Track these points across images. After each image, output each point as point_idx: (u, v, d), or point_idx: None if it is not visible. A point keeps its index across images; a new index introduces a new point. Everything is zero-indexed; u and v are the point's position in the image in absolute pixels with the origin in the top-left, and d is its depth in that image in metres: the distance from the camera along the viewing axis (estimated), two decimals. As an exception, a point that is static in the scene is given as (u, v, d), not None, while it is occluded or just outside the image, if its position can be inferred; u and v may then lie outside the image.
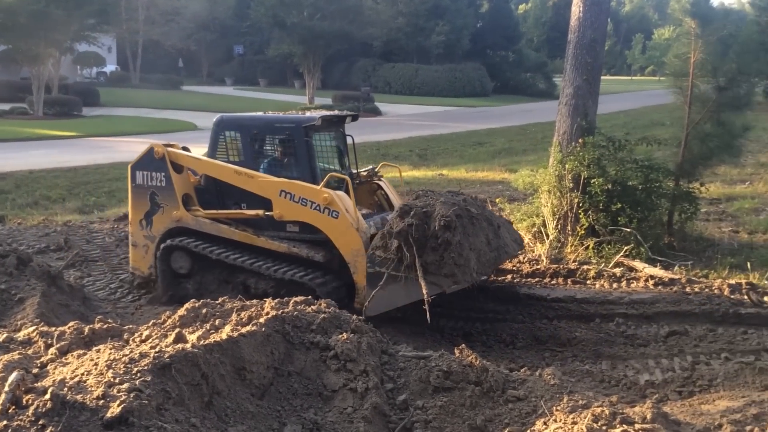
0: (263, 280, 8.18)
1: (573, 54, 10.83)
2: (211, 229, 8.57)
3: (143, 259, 8.92)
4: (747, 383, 6.03)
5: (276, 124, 8.79)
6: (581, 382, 6.41)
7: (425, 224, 7.43)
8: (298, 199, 8.11)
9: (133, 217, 8.92)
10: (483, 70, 56.65)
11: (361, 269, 7.94)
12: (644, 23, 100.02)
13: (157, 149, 8.68)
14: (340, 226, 8.00)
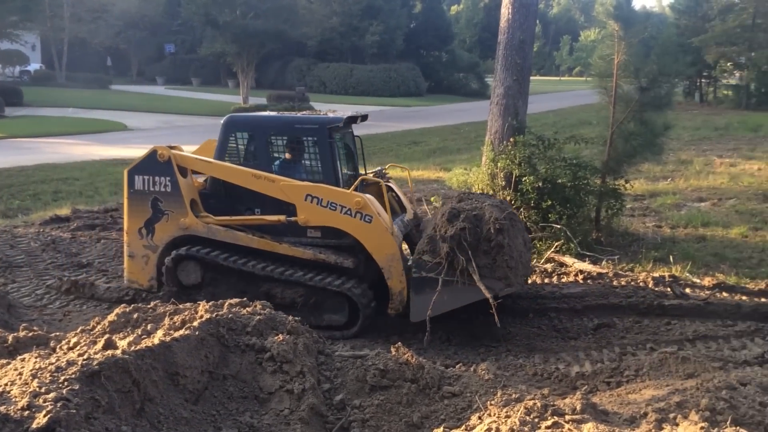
0: (291, 288, 7.84)
1: (503, 55, 11.04)
2: (225, 236, 8.01)
3: (143, 271, 8.20)
4: (671, 372, 6.25)
5: (297, 125, 8.31)
6: (515, 376, 6.54)
7: (477, 228, 7.34)
8: (327, 203, 7.74)
9: (130, 225, 8.15)
10: (417, 70, 57.10)
11: (396, 274, 7.80)
12: (571, 25, 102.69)
13: (161, 152, 8.02)
14: (374, 231, 7.74)
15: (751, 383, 4.72)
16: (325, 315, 7.88)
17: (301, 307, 7.77)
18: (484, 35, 67.78)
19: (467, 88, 59.79)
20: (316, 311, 7.85)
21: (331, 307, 7.87)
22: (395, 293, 7.81)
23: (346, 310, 7.85)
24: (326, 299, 7.85)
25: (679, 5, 50.65)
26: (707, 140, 25.97)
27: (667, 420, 4.01)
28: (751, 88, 45.98)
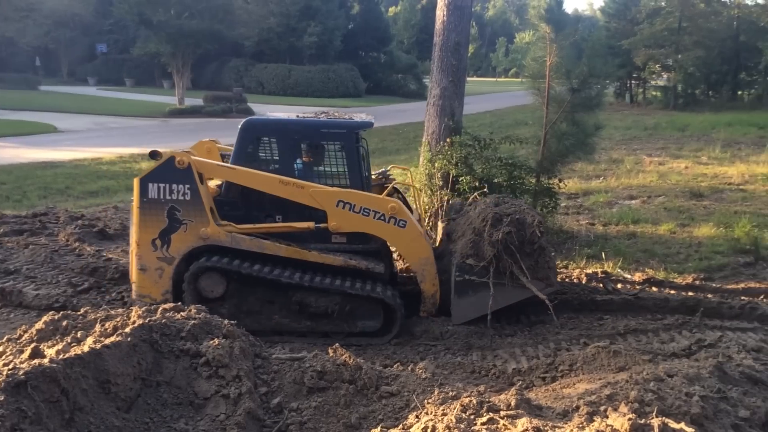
0: (326, 296, 7.66)
1: (439, 56, 11.16)
2: (251, 245, 7.64)
3: (156, 285, 7.62)
4: (603, 366, 6.41)
5: (323, 129, 8.04)
6: (453, 374, 6.60)
7: (521, 231, 7.61)
8: (360, 209, 7.63)
9: (142, 237, 7.55)
10: (356, 71, 57.09)
11: (429, 277, 7.92)
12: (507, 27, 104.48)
13: (180, 158, 7.48)
14: (408, 236, 7.77)
15: (677, 374, 4.89)
16: (359, 321, 7.79)
17: (337, 315, 7.70)
18: (422, 37, 68.23)
19: (406, 89, 60.12)
20: (350, 318, 7.77)
21: (365, 314, 7.79)
22: (428, 296, 7.98)
23: (381, 316, 7.81)
24: (361, 306, 7.76)
25: (609, 9, 52.12)
26: (637, 140, 26.77)
27: (598, 413, 4.11)
28: (678, 90, 47.65)
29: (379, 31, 61.91)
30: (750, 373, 5.53)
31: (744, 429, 4.39)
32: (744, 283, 9.55)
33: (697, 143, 25.13)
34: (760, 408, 4.68)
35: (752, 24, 47.79)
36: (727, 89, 48.30)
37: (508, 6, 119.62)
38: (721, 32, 46.91)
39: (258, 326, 7.52)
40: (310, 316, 7.71)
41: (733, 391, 4.90)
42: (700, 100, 47.62)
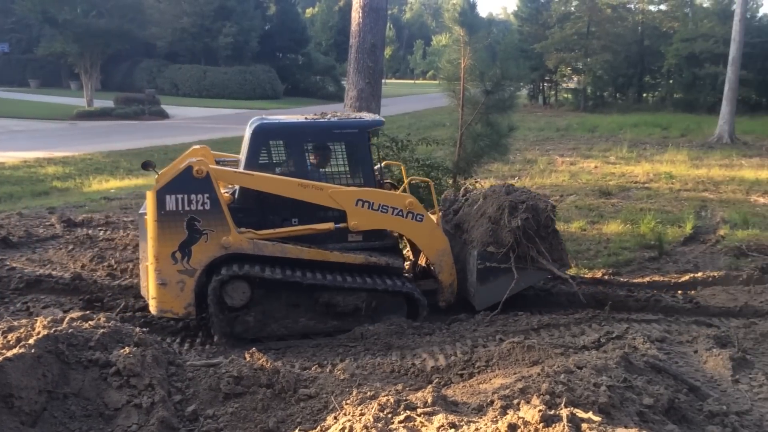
0: (352, 294, 7.80)
1: (355, 58, 11.20)
2: (274, 251, 7.60)
3: (178, 299, 7.39)
4: (518, 360, 6.56)
5: (336, 129, 8.09)
6: (373, 374, 6.61)
7: (536, 217, 8.11)
8: (378, 206, 7.79)
9: (161, 251, 7.28)
10: (273, 73, 56.59)
11: (447, 268, 8.24)
12: (424, 30, 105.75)
13: (198, 167, 7.29)
14: (425, 229, 8.06)
15: (586, 366, 5.06)
16: (384, 316, 7.95)
17: (365, 312, 7.90)
18: (340, 38, 68.26)
19: (324, 90, 60.07)
20: (375, 314, 7.96)
21: (390, 308, 8.02)
22: (446, 286, 8.31)
23: (405, 309, 8.09)
24: (386, 301, 7.98)
25: (521, 13, 53.54)
26: (550, 140, 27.58)
27: (511, 406, 4.22)
28: (588, 92, 49.44)
29: (297, 33, 61.61)
30: (654, 362, 5.79)
31: (648, 416, 4.58)
32: (649, 277, 10.00)
33: (605, 144, 26.11)
34: (663, 395, 4.89)
35: (655, 29, 50.13)
36: (633, 92, 50.44)
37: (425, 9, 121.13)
38: (626, 37, 49.02)
39: (285, 331, 7.75)
40: (336, 315, 7.88)
41: (639, 380, 5.11)
42: (609, 102, 49.56)
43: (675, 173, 18.36)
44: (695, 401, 5.35)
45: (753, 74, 42.49)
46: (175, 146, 25.83)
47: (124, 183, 17.64)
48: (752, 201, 15.17)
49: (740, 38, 28.37)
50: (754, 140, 28.87)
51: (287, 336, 7.72)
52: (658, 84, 51.75)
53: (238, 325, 7.67)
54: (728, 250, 10.99)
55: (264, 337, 7.73)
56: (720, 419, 5.05)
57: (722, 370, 6.30)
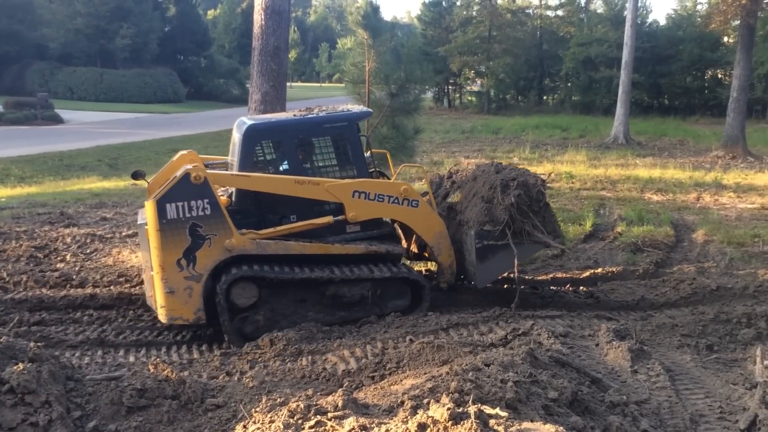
0: (358, 285, 8.00)
1: (258, 61, 11.06)
2: (277, 249, 7.74)
3: (187, 305, 7.44)
4: (428, 360, 6.63)
5: (326, 124, 8.22)
6: (283, 380, 6.53)
7: (528, 192, 8.28)
8: (374, 196, 8.00)
9: (166, 259, 7.29)
10: (174, 76, 55.26)
11: (445, 250, 8.48)
12: (329, 33, 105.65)
13: (195, 174, 7.31)
14: (421, 214, 8.28)
15: (494, 363, 5.17)
16: (390, 302, 8.24)
17: (371, 300, 8.11)
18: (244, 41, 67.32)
19: (228, 94, 59.12)
20: (380, 301, 8.20)
21: (395, 294, 8.27)
22: (446, 267, 8.55)
23: (409, 294, 8.34)
24: (390, 288, 8.21)
25: (425, 17, 54.28)
26: (456, 142, 28.08)
27: (421, 406, 4.25)
28: (491, 95, 50.67)
29: (198, 35, 60.41)
30: (558, 356, 5.98)
31: (553, 409, 4.72)
32: (552, 274, 10.32)
33: (509, 145, 26.82)
34: (566, 388, 5.05)
35: (553, 34, 51.99)
36: (534, 94, 52.11)
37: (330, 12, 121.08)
38: (526, 41, 50.60)
39: (294, 326, 7.81)
40: (343, 306, 8.08)
41: (544, 375, 5.26)
42: (511, 105, 51.00)
43: (575, 173, 19.04)
44: (597, 393, 5.55)
45: (645, 77, 44.79)
46: (70, 152, 24.84)
47: (16, 191, 16.79)
48: (646, 198, 15.91)
49: (632, 43, 29.78)
50: (647, 140, 30.35)
51: None
52: (558, 87, 53.70)
53: (248, 326, 7.81)
54: (625, 246, 11.48)
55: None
56: (621, 409, 5.26)
57: (622, 361, 6.56)
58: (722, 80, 46.08)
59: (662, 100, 49.16)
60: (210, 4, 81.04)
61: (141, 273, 8.96)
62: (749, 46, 27.17)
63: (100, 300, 8.81)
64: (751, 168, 22.47)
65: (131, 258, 10.76)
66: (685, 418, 5.44)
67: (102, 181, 18.85)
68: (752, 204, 15.67)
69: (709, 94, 46.67)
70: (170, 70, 55.43)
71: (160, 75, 53.57)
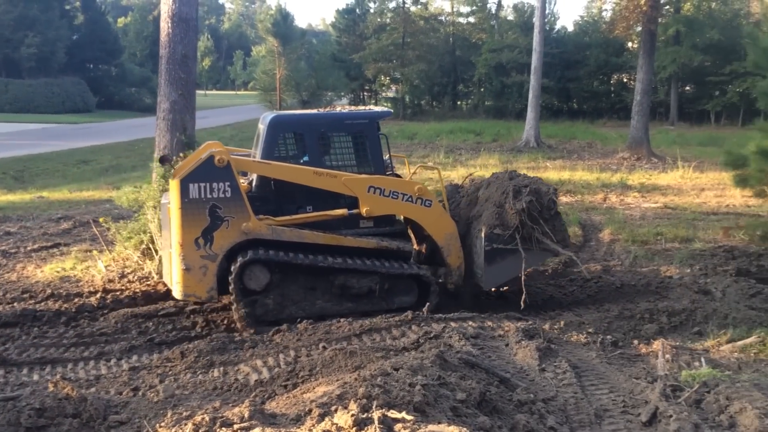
0: (366, 277, 8.25)
1: (166, 69, 10.84)
2: (291, 236, 8.07)
3: (201, 283, 7.85)
4: (341, 367, 6.63)
5: (347, 120, 8.68)
6: (194, 393, 6.40)
7: (539, 200, 8.43)
8: (389, 193, 8.26)
9: (185, 237, 7.71)
10: (84, 85, 53.53)
11: (455, 251, 8.67)
12: (243, 40, 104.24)
13: (219, 157, 7.74)
14: (433, 214, 8.52)
15: (403, 367, 5.21)
16: (396, 298, 8.52)
17: (378, 294, 8.39)
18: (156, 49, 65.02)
19: (141, 102, 57.56)
20: (388, 296, 8.48)
21: (402, 290, 8.55)
22: (454, 269, 8.73)
23: (416, 291, 8.59)
24: (398, 283, 8.48)
25: (339, 24, 54.31)
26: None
27: (329, 413, 4.24)
28: (406, 101, 51.19)
29: (108, 43, 58.72)
30: (468, 358, 6.08)
31: (461, 410, 4.79)
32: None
33: (424, 150, 27.16)
34: (474, 389, 5.14)
35: (466, 40, 53.05)
36: (448, 100, 52.96)
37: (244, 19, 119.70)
38: (440, 47, 51.43)
39: (302, 313, 8.17)
40: (351, 297, 8.34)
41: (452, 377, 5.33)
42: (426, 110, 51.63)
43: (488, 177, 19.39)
44: (506, 392, 5.66)
45: (554, 82, 46.23)
46: (-28, 165, 23.71)
47: None
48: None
49: (540, 49, 30.67)
50: (557, 143, 31.30)
51: (305, 318, 8.05)
52: (471, 92, 54.74)
53: (258, 308, 8.13)
54: (536, 247, 11.77)
55: (282, 319, 8.11)
56: (528, 407, 5.38)
57: (530, 360, 6.71)
58: (627, 84, 48.01)
59: (571, 104, 50.84)
60: (120, 12, 79.00)
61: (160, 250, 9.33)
62: (651, 51, 28.42)
63: (2, 317, 8.49)
64: (654, 168, 23.49)
65: (36, 273, 10.38)
66: (590, 413, 5.60)
67: (7, 194, 18.08)
68: (655, 203, 16.39)
69: (615, 98, 48.58)
70: (79, 80, 53.65)
71: (69, 84, 51.80)
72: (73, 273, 10.36)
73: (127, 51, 66.04)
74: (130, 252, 10.58)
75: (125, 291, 9.50)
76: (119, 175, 21.92)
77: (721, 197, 17.07)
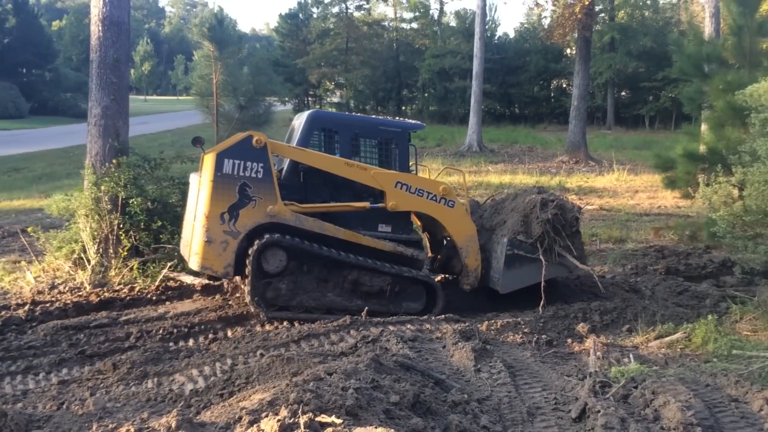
0: (379, 277, 8.52)
1: (97, 73, 10.58)
2: (313, 226, 8.31)
3: (220, 257, 8.04)
4: (278, 374, 6.57)
5: (381, 126, 9.17)
6: (127, 405, 6.27)
7: (563, 215, 8.70)
8: (415, 190, 8.60)
9: (212, 210, 7.95)
10: (16, 90, 51.89)
11: (473, 253, 8.97)
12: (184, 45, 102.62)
13: (258, 137, 8.04)
14: (455, 215, 8.85)
15: (337, 372, 5.20)
16: (404, 303, 8.76)
17: (388, 295, 8.63)
18: (93, 53, 64.37)
19: (77, 108, 55.99)
20: (396, 300, 8.71)
21: (410, 296, 8.81)
22: (471, 270, 9.03)
23: (423, 298, 8.85)
24: (408, 287, 8.76)
25: (282, 29, 54.12)
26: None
27: (259, 420, 4.19)
28: (351, 106, 51.23)
29: (41, 47, 57.06)
30: (403, 361, 6.09)
31: (394, 412, 4.80)
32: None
33: (367, 155, 27.11)
34: (408, 391, 5.16)
35: (409, 46, 53.41)
36: (393, 104, 53.20)
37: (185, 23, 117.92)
38: (383, 53, 51.68)
39: (312, 303, 8.45)
40: (361, 295, 8.57)
41: (387, 380, 5.34)
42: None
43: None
44: (440, 393, 5.70)
45: (496, 87, 46.95)
46: None
47: None
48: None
49: (481, 55, 31.09)
50: (499, 148, 31.75)
51: (314, 308, 8.41)
52: (415, 97, 55.13)
53: (270, 291, 8.33)
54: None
55: (292, 306, 8.38)
56: (462, 407, 5.42)
57: (466, 361, 6.78)
58: (566, 90, 49.08)
59: (513, 109, 51.71)
60: (55, 15, 77.01)
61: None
62: (587, 57, 29.11)
63: (-77, 333, 8.12)
64: (591, 171, 24.05)
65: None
66: (523, 411, 5.68)
67: (-70, 205, 17.43)
68: (591, 205, 16.78)
69: (555, 103, 49.60)
70: (11, 85, 51.97)
71: (0, 90, 50.13)
72: (0, 285, 10.03)
73: (62, 55, 64.34)
74: (61, 262, 10.30)
75: (55, 302, 9.20)
76: (52, 183, 21.34)
77: (654, 199, 17.58)
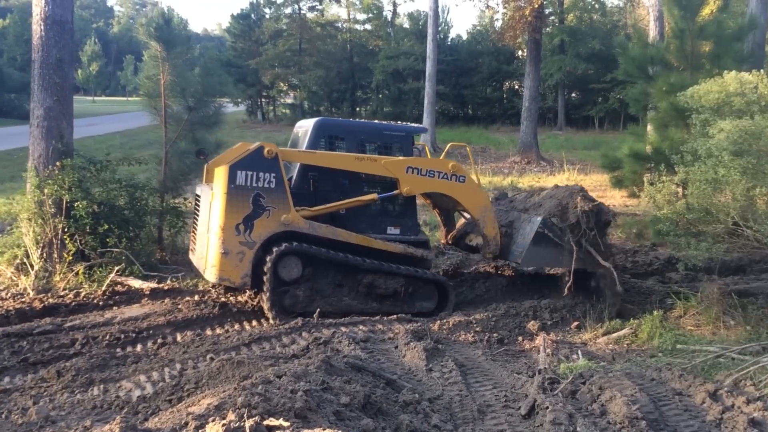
0: (393, 279, 8.77)
1: (39, 74, 10.31)
2: (326, 232, 8.54)
3: (237, 268, 8.20)
4: (228, 378, 6.48)
5: (386, 131, 9.40)
6: (72, 413, 6.12)
7: (598, 214, 8.86)
8: (426, 172, 8.89)
9: (227, 221, 8.12)
10: (-44, 91, 50.24)
11: (490, 222, 9.26)
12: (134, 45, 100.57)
13: (269, 148, 8.30)
14: (468, 189, 9.15)
15: (286, 374, 5.15)
16: (417, 303, 9.03)
17: (402, 296, 8.88)
18: (39, 53, 62.67)
19: (21, 109, 54.16)
20: (409, 300, 8.98)
21: (423, 296, 9.08)
22: (490, 239, 9.30)
23: (435, 298, 9.13)
24: (421, 287, 9.03)
25: (234, 30, 53.50)
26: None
27: (205, 425, 4.12)
28: (305, 107, 51.02)
29: (-16, 48, 55.30)
30: (354, 362, 6.08)
31: (344, 414, 4.78)
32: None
33: (321, 156, 27.00)
34: (359, 392, 5.14)
35: (363, 47, 53.43)
36: (347, 106, 53.15)
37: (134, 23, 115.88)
38: (337, 54, 51.57)
39: (329, 308, 8.60)
40: (376, 297, 8.79)
41: (337, 381, 5.31)
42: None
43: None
44: (392, 393, 5.70)
45: (450, 89, 47.25)
46: None
47: None
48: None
49: (434, 56, 31.25)
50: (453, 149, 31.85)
51: (331, 313, 8.51)
52: (370, 98, 55.16)
53: (287, 299, 8.50)
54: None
55: (309, 312, 8.45)
56: (413, 407, 5.43)
57: (418, 361, 6.80)
58: (518, 91, 49.66)
59: (467, 110, 52.12)
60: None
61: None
62: (537, 59, 29.51)
63: None
64: (543, 171, 24.38)
65: None
66: (474, 409, 5.71)
67: None
68: (542, 204, 16.93)
69: (507, 104, 50.18)
70: (-49, 86, 50.36)
71: (-61, 91, 48.54)
72: (-61, 292, 9.69)
73: (6, 55, 62.44)
74: (3, 268, 10.01)
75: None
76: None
77: (603, 198, 17.77)
